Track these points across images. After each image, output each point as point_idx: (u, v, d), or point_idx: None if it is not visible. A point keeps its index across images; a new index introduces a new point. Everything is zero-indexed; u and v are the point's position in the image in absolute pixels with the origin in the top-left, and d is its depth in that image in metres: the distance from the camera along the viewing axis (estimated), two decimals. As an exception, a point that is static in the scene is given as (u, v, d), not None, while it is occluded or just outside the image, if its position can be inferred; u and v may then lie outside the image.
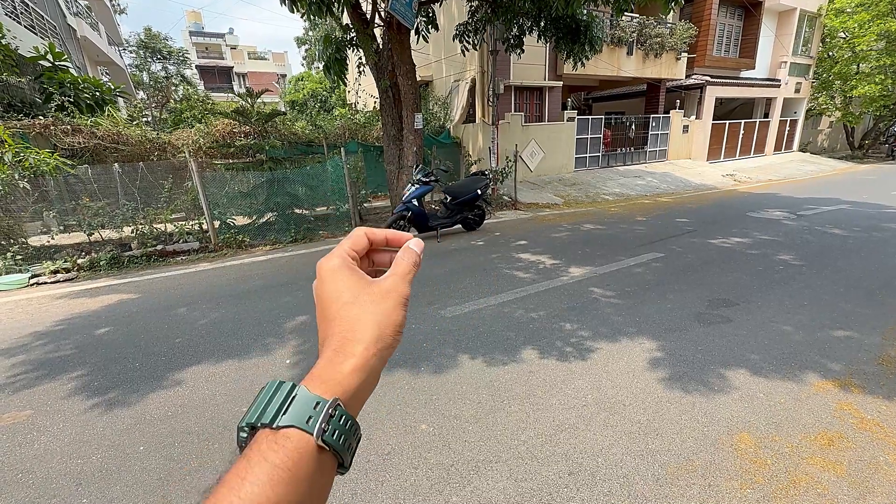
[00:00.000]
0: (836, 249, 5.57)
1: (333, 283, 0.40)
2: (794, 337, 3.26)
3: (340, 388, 0.35)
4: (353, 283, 0.40)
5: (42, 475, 2.10)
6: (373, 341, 0.37)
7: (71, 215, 5.97)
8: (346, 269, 0.40)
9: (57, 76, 7.65)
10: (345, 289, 0.39)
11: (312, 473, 0.31)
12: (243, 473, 0.29)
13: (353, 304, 0.38)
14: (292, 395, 0.33)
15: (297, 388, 0.33)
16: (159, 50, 25.45)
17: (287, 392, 0.33)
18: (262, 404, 0.33)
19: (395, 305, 0.39)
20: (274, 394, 0.33)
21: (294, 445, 0.31)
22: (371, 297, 0.39)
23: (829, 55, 18.47)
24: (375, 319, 0.38)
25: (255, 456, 0.30)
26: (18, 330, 3.84)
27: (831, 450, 2.12)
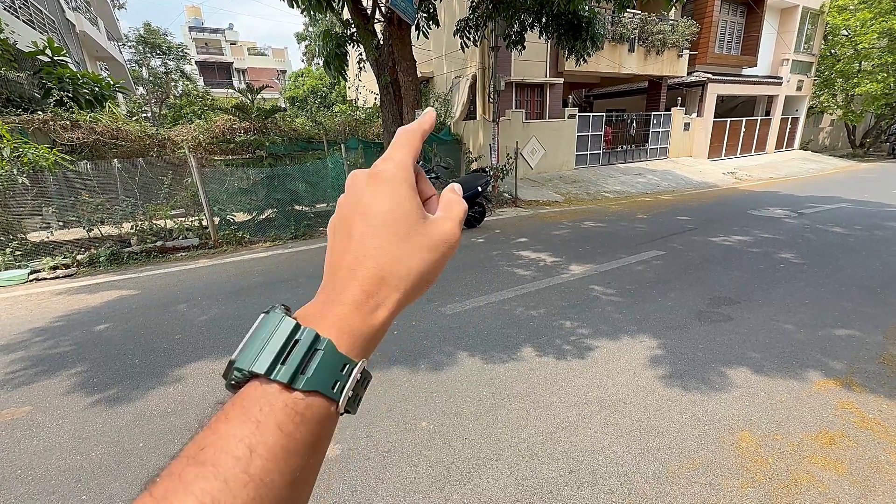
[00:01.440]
0: (838, 248, 5.56)
1: (389, 199, 0.31)
2: (795, 335, 3.25)
3: (368, 345, 0.30)
4: (411, 210, 0.31)
5: (41, 471, 2.09)
6: (410, 292, 0.31)
7: (70, 211, 5.95)
8: (408, 188, 0.32)
9: (56, 71, 7.65)
10: (401, 214, 0.31)
11: (326, 441, 0.28)
12: (251, 440, 0.24)
13: (403, 238, 0.31)
14: (315, 348, 0.27)
15: (321, 341, 0.28)
16: (159, 45, 25.35)
17: (309, 343, 0.27)
18: (274, 348, 0.27)
19: (442, 258, 0.32)
20: (290, 339, 0.27)
21: (315, 416, 0.26)
22: (425, 239, 0.31)
23: (831, 53, 18.41)
24: (421, 269, 0.31)
25: (268, 421, 0.25)
26: (17, 326, 3.83)
27: (832, 448, 2.12)
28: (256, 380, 0.27)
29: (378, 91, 7.76)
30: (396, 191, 0.31)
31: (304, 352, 0.27)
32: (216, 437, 0.24)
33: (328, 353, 0.27)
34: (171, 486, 0.23)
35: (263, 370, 0.26)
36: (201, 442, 0.24)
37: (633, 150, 14.52)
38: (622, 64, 12.76)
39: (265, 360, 0.27)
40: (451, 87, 12.14)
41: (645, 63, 13.24)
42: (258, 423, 0.25)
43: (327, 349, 0.27)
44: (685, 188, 11.87)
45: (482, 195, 6.87)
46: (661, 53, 13.36)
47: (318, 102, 22.75)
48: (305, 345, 0.27)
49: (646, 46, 13.01)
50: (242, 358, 0.27)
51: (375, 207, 0.31)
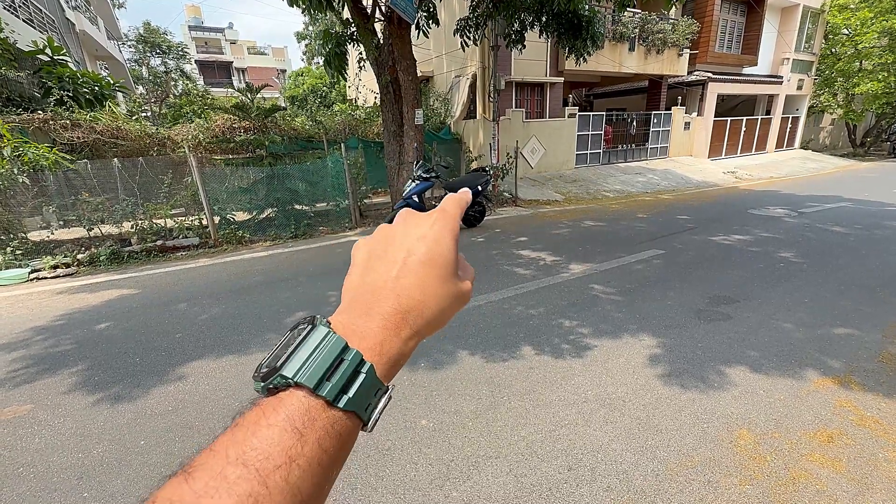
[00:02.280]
0: (838, 247, 5.56)
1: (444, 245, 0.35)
2: (794, 334, 3.26)
3: (396, 369, 0.32)
4: (454, 261, 0.36)
5: (43, 469, 2.10)
6: (431, 329, 0.35)
7: (70, 210, 5.96)
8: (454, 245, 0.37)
9: (56, 71, 7.63)
10: (448, 260, 0.35)
11: (347, 456, 0.29)
12: (293, 451, 0.25)
13: (443, 281, 0.35)
14: (359, 370, 0.29)
15: (365, 364, 0.29)
16: (158, 45, 25.33)
17: (356, 365, 0.29)
18: (323, 364, 0.28)
19: (458, 309, 0.37)
20: (337, 359, 0.29)
21: (347, 433, 0.28)
22: (455, 289, 0.36)
23: (831, 52, 18.38)
24: (446, 313, 0.35)
25: (309, 434, 0.26)
26: (18, 325, 3.84)
27: (831, 447, 2.13)
28: (300, 390, 0.27)
29: (378, 90, 7.76)
30: (446, 239, 0.36)
31: (349, 372, 0.29)
32: (259, 441, 0.25)
33: (369, 377, 0.29)
34: (212, 483, 0.23)
35: (312, 384, 0.27)
36: (243, 442, 0.25)
37: (634, 150, 14.52)
38: (622, 63, 12.75)
39: (315, 374, 0.28)
40: (452, 86, 12.14)
41: (645, 62, 13.23)
42: (301, 435, 0.26)
43: (368, 373, 0.29)
44: (685, 187, 11.87)
45: (482, 194, 6.87)
46: (662, 52, 13.35)
47: (318, 102, 22.75)
48: (352, 366, 0.29)
49: (646, 45, 13.00)
50: (290, 366, 0.28)
51: (426, 245, 0.35)
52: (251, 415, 0.27)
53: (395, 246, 0.36)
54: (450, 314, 0.36)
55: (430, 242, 0.35)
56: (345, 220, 7.56)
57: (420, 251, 0.35)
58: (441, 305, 0.34)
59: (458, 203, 0.40)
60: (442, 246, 0.35)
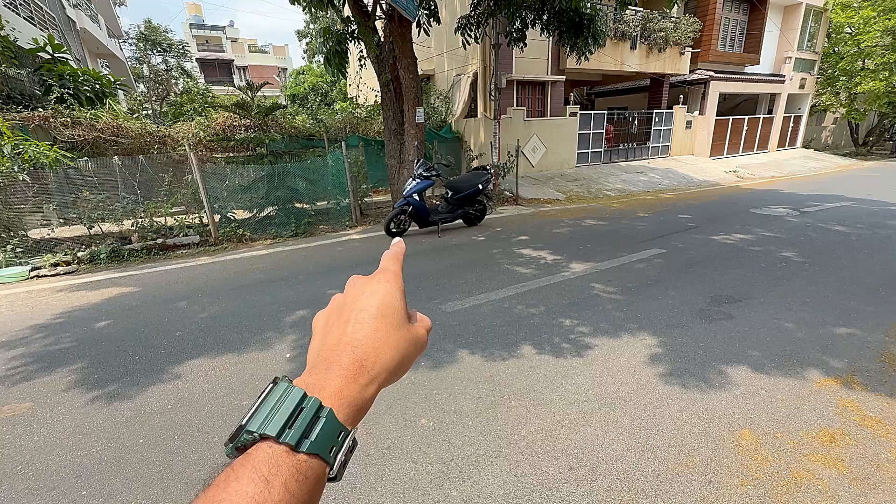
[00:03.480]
0: (840, 246, 5.54)
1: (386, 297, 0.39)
2: (796, 334, 3.24)
3: (359, 415, 0.34)
4: (402, 308, 0.39)
5: (42, 467, 2.10)
6: (392, 374, 0.37)
7: (71, 208, 5.95)
8: (400, 293, 0.40)
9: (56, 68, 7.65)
10: (395, 309, 0.39)
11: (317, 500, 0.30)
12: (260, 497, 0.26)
13: (395, 328, 0.38)
14: (318, 415, 0.31)
15: (324, 409, 0.31)
16: (159, 42, 25.29)
17: (314, 412, 0.31)
18: (284, 415, 0.30)
19: (416, 353, 0.40)
20: (297, 408, 0.31)
21: (313, 477, 0.29)
22: (409, 334, 0.39)
23: (834, 51, 18.32)
24: (403, 356, 0.38)
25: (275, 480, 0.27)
26: (18, 322, 3.84)
27: (833, 447, 2.11)
28: (265, 442, 0.29)
29: (379, 88, 7.74)
30: (393, 292, 0.40)
31: (309, 418, 0.30)
32: (227, 495, 0.26)
33: (329, 421, 0.31)
34: None
35: (275, 433, 0.29)
36: (213, 498, 0.26)
37: (635, 148, 14.48)
38: (624, 61, 12.71)
39: (276, 424, 0.29)
40: (452, 84, 12.11)
41: (647, 60, 13.18)
42: (267, 482, 0.27)
43: (328, 417, 0.31)
44: (687, 186, 11.84)
45: (483, 193, 6.86)
46: (664, 51, 13.30)
47: (319, 100, 22.72)
48: (311, 412, 0.31)
49: (648, 44, 12.95)
50: (254, 421, 0.30)
51: (376, 301, 0.38)
52: (223, 475, 0.28)
53: (348, 307, 0.39)
54: (408, 359, 0.38)
55: (378, 297, 0.39)
56: (345, 219, 7.54)
57: (371, 305, 0.38)
58: (396, 351, 0.37)
59: (396, 258, 0.44)
60: (389, 297, 0.39)
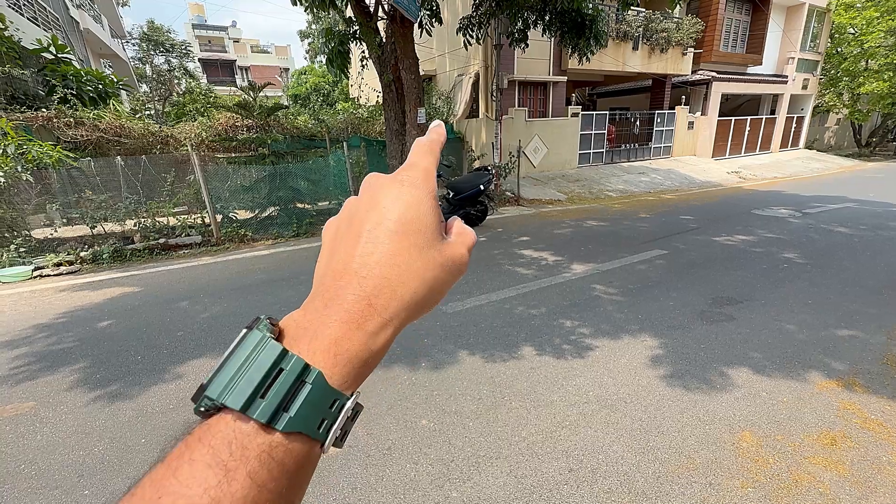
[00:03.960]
0: (842, 248, 5.53)
1: (412, 206, 0.28)
2: (797, 336, 3.24)
3: (364, 371, 0.26)
4: (433, 222, 0.29)
5: (44, 466, 2.11)
6: (416, 310, 0.28)
7: (74, 208, 5.98)
8: (433, 198, 0.30)
9: (60, 68, 7.67)
10: (422, 224, 0.28)
11: (304, 486, 0.24)
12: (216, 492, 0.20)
13: (421, 249, 0.28)
14: (302, 379, 0.24)
15: (310, 372, 0.24)
16: (162, 43, 25.36)
17: (297, 374, 0.23)
18: (253, 378, 0.23)
19: (452, 279, 0.30)
20: (273, 368, 0.23)
21: (294, 461, 0.23)
22: (441, 257, 0.29)
23: (837, 51, 18.26)
24: (433, 285, 0.28)
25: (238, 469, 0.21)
26: (22, 322, 3.86)
27: (834, 449, 2.11)
28: (229, 413, 0.22)
29: (380, 89, 7.75)
30: (421, 199, 0.29)
31: (289, 385, 0.23)
32: (177, 485, 0.20)
33: (317, 388, 0.24)
34: None
35: (238, 405, 0.22)
36: (159, 487, 0.21)
37: (637, 149, 14.46)
38: (626, 62, 12.70)
39: (241, 391, 0.22)
40: (454, 84, 12.11)
41: (649, 61, 13.17)
42: (227, 471, 0.21)
43: (316, 382, 0.24)
44: (688, 187, 11.82)
45: (484, 193, 6.86)
46: (666, 51, 13.29)
47: (321, 100, 22.75)
48: (292, 376, 0.23)
49: (650, 44, 12.94)
50: (214, 385, 0.23)
51: (396, 212, 0.28)
52: (177, 448, 0.22)
53: (360, 218, 0.29)
54: (440, 290, 0.29)
55: (401, 206, 0.28)
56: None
57: (389, 217, 0.28)
58: (422, 281, 0.28)
59: (431, 149, 0.32)
60: (415, 206, 0.29)
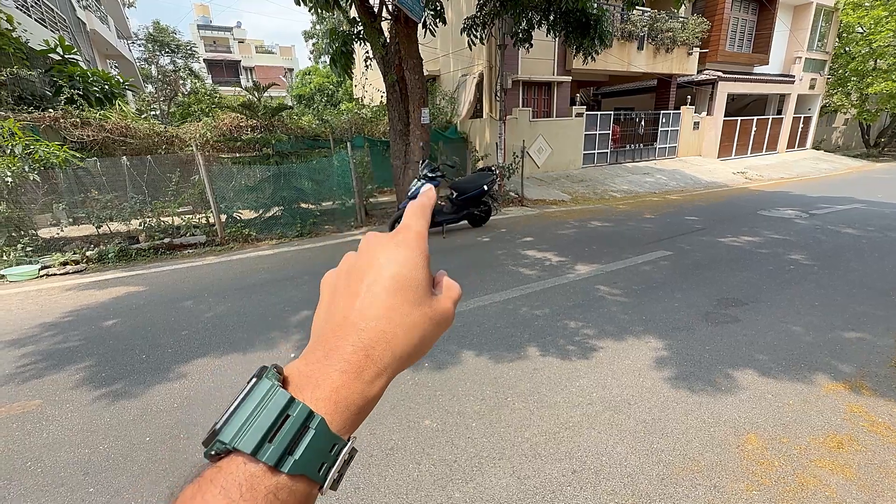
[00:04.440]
0: (850, 249, 5.47)
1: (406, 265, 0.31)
2: (804, 338, 3.21)
3: (360, 418, 0.28)
4: (424, 280, 0.32)
5: (50, 463, 2.12)
6: (406, 361, 0.31)
7: (80, 208, 6.02)
8: (424, 259, 0.33)
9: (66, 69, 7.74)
10: (415, 282, 0.31)
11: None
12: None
13: (413, 305, 0.31)
14: (307, 425, 0.26)
15: (314, 418, 0.26)
16: (167, 43, 25.56)
17: (302, 421, 0.25)
18: (263, 425, 0.25)
19: (439, 332, 0.33)
20: (281, 416, 0.25)
21: (296, 501, 0.25)
22: (431, 311, 0.32)
23: (845, 51, 18.09)
24: (423, 338, 0.31)
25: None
26: (28, 320, 3.89)
27: (841, 453, 2.09)
28: (240, 456, 0.25)
29: (384, 89, 7.76)
30: (415, 259, 0.32)
31: (294, 430, 0.25)
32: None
33: (320, 433, 0.26)
34: None
35: (249, 449, 0.24)
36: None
37: (642, 149, 14.40)
38: (631, 62, 12.64)
39: (252, 437, 0.25)
40: (458, 85, 12.11)
41: (654, 61, 13.10)
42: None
43: (319, 428, 0.26)
44: (694, 188, 11.75)
45: (488, 194, 6.85)
46: (671, 51, 13.22)
47: (325, 100, 22.81)
48: (297, 423, 0.25)
49: (655, 44, 12.87)
50: (227, 430, 0.25)
51: (392, 270, 0.31)
52: (189, 489, 0.24)
53: (358, 274, 0.32)
54: (429, 341, 0.32)
55: (395, 266, 0.31)
56: (350, 219, 7.57)
57: (385, 276, 0.31)
58: (414, 333, 0.30)
59: (423, 212, 0.36)
60: (409, 266, 0.32)
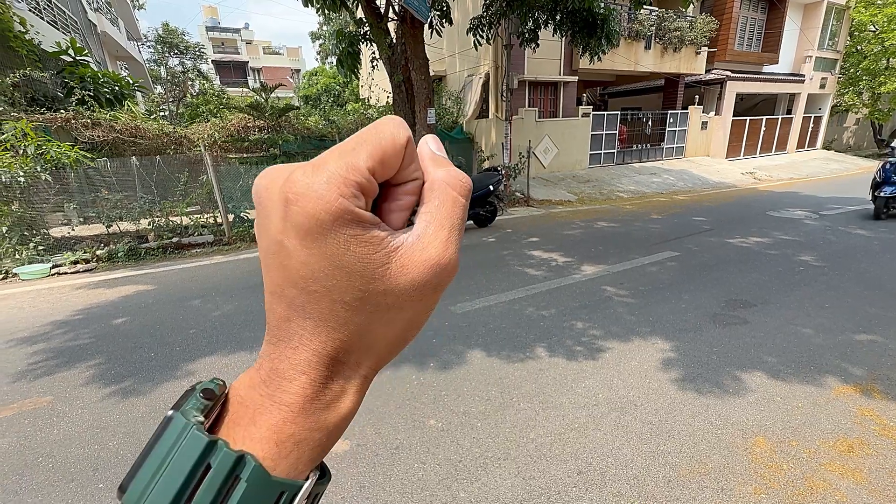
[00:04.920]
0: (860, 250, 5.40)
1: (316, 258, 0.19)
2: (813, 340, 3.17)
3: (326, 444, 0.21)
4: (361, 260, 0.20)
5: (61, 459, 2.15)
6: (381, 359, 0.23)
7: (90, 207, 6.11)
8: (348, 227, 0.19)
9: (78, 71, 7.84)
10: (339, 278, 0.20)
11: None
12: None
13: (358, 306, 0.20)
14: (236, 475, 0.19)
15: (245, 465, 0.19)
16: (176, 45, 25.80)
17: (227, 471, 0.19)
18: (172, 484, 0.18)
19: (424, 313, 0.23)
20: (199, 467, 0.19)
21: None
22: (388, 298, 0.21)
23: (857, 49, 17.85)
24: (389, 334, 0.22)
25: None
26: (40, 318, 3.95)
27: (851, 456, 2.06)
28: None
29: (391, 90, 7.78)
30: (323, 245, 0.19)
31: (217, 485, 0.18)
32: None
33: (254, 485, 0.19)
34: None
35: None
36: None
37: (649, 150, 14.30)
38: (638, 61, 12.57)
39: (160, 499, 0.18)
40: (464, 85, 12.11)
41: (662, 60, 13.01)
42: None
43: (252, 479, 0.19)
44: (702, 188, 11.65)
45: (494, 194, 6.85)
46: (679, 51, 13.12)
47: (332, 101, 22.91)
48: (220, 475, 0.19)
49: (663, 44, 12.79)
50: (131, 493, 0.19)
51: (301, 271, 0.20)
52: None
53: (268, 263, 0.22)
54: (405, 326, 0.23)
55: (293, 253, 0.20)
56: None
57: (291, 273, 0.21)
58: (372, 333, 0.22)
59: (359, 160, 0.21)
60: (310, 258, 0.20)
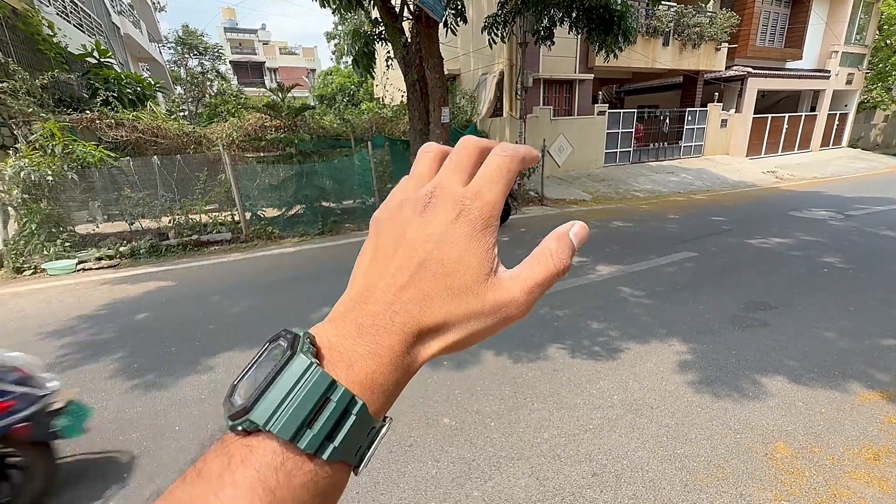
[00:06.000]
0: (888, 252, 5.22)
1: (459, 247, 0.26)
2: (837, 344, 3.08)
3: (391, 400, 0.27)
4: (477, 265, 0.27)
5: (87, 450, 2.23)
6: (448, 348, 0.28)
7: (114, 205, 6.28)
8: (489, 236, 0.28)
9: (102, 72, 8.06)
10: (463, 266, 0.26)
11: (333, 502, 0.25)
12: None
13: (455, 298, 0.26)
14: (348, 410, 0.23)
15: (355, 404, 0.24)
16: (196, 46, 26.32)
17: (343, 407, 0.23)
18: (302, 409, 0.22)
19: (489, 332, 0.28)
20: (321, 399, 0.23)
21: (333, 484, 0.24)
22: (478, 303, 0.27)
23: (886, 44, 17.22)
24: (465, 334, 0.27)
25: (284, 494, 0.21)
26: (66, 313, 4.09)
27: (877, 465, 2.00)
28: (274, 440, 0.22)
29: (405, 89, 7.81)
30: (470, 242, 0.27)
31: (336, 417, 0.23)
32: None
33: (359, 419, 0.24)
34: None
35: (288, 435, 0.22)
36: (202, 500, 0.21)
37: (666, 148, 14.05)
38: (656, 58, 12.35)
39: (291, 422, 0.22)
40: (478, 83, 12.08)
41: (680, 57, 12.76)
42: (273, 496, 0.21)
43: (360, 413, 0.24)
44: (721, 187, 11.41)
45: (507, 193, 6.82)
46: (698, 47, 12.85)
47: (346, 100, 23.09)
48: (339, 408, 0.23)
49: (681, 40, 12.54)
50: (260, 410, 0.22)
51: (440, 252, 0.26)
52: (216, 464, 0.23)
53: (405, 243, 0.28)
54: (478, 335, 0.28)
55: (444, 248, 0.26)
56: (370, 218, 7.64)
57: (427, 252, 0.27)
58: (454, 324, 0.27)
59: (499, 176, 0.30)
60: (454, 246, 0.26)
